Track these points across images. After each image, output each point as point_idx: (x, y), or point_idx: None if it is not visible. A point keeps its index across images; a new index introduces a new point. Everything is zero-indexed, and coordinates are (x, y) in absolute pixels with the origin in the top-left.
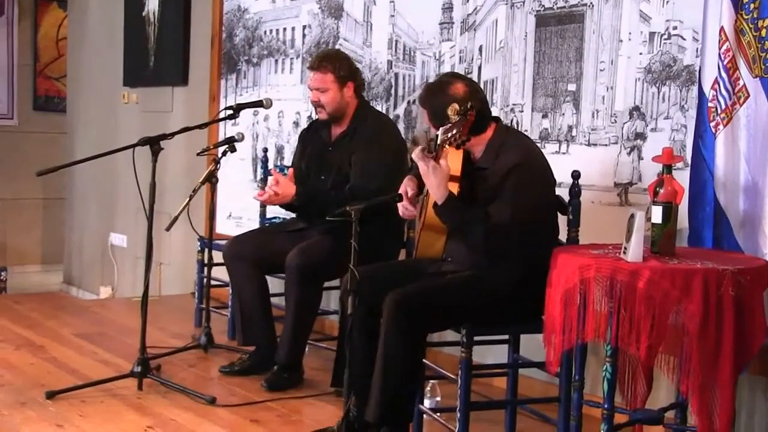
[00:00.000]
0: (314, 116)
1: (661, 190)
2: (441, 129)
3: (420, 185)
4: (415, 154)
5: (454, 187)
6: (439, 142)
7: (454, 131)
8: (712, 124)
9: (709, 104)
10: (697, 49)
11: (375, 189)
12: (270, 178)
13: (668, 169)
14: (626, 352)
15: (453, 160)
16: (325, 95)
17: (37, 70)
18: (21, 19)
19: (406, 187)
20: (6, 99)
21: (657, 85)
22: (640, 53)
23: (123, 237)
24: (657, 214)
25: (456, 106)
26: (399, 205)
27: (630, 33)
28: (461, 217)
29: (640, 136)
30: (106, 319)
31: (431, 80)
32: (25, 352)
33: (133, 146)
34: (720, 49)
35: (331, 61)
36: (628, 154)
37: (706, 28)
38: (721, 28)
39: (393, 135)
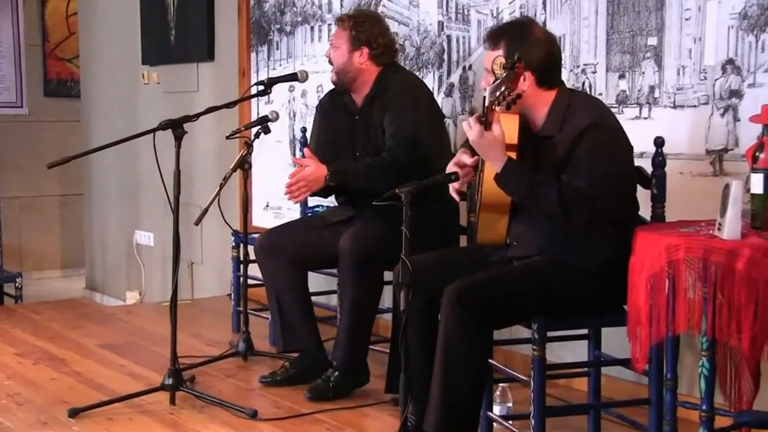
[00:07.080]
0: None
1: (762, 155)
2: (488, 89)
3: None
4: (464, 124)
5: None
6: (487, 104)
7: (502, 88)
8: None
9: None
10: None
11: (418, 147)
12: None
13: None
14: (726, 344)
15: (507, 128)
16: (335, 52)
17: (46, 51)
18: None
19: (460, 158)
20: (14, 85)
21: (755, 32)
22: None
23: (149, 235)
24: (757, 183)
25: (501, 59)
26: (451, 185)
27: None
28: (529, 181)
29: (736, 93)
30: (134, 327)
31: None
32: (45, 367)
33: (153, 131)
34: None
35: (353, 20)
36: (722, 115)
37: None
38: None
39: (425, 89)
